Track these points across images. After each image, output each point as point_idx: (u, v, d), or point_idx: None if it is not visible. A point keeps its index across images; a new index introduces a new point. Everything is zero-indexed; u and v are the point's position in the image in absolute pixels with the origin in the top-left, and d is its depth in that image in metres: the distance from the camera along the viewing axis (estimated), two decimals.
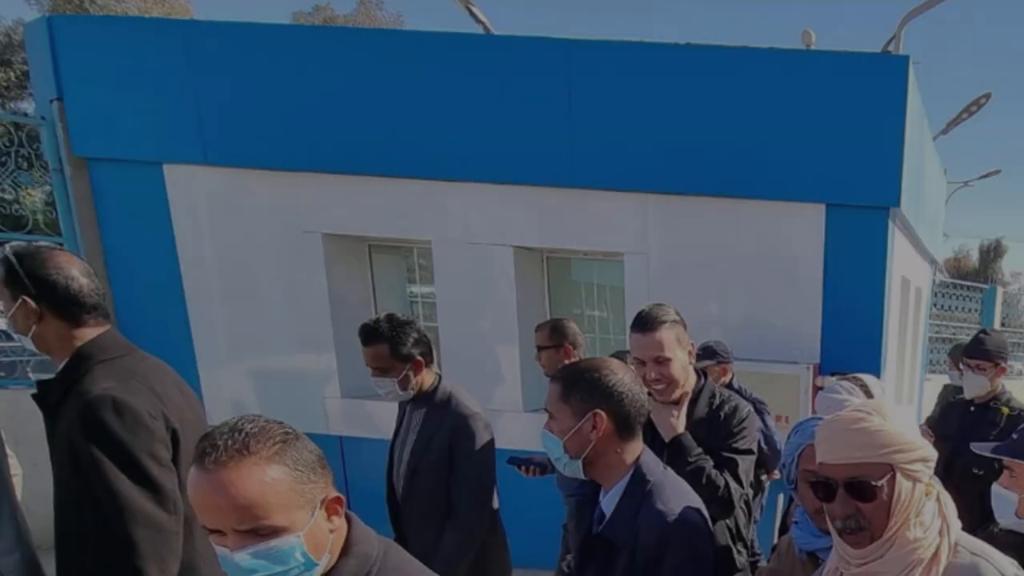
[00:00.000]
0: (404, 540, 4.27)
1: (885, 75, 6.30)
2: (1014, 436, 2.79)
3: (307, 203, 7.31)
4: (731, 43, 6.53)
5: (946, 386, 7.94)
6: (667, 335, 3.50)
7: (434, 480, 4.20)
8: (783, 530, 3.83)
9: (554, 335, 5.31)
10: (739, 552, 3.85)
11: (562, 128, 6.73)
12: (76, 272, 2.95)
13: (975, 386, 5.06)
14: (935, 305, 15.71)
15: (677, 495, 2.60)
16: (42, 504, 3.34)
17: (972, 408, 5.13)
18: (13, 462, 3.47)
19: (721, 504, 3.51)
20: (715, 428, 3.70)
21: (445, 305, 7.46)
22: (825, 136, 6.38)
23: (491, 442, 4.31)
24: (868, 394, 3.50)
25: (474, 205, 7.14)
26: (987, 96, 15.99)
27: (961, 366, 5.26)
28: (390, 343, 4.05)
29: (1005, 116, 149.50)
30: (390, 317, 4.17)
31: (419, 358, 4.15)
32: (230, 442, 1.77)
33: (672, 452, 3.50)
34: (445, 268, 7.34)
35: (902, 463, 1.86)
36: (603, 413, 2.49)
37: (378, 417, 7.20)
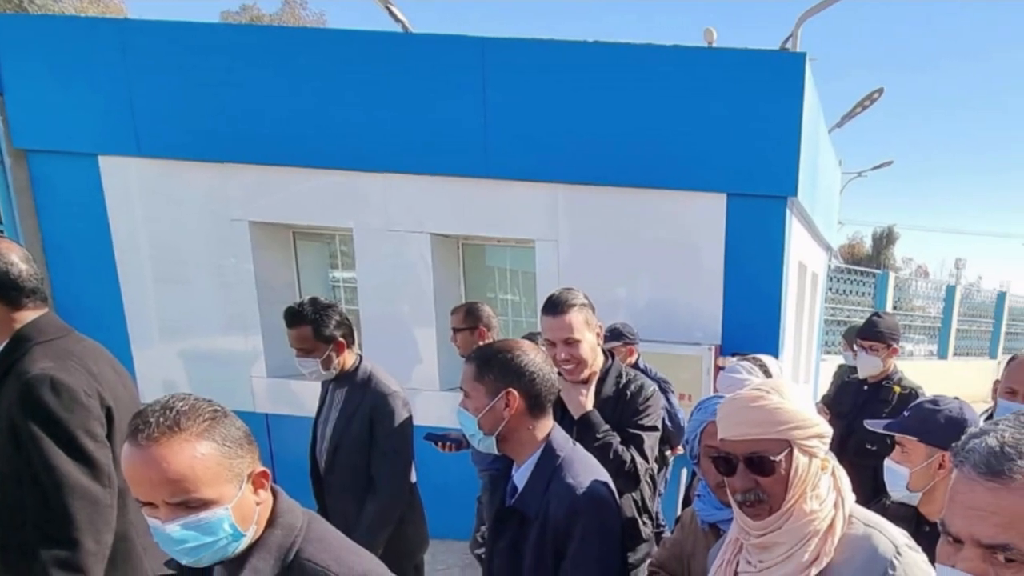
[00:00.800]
0: (327, 512, 4.28)
1: (783, 71, 6.43)
2: (906, 413, 2.79)
3: (235, 193, 7.33)
4: (637, 41, 6.59)
5: (841, 366, 7.98)
6: (576, 318, 3.52)
7: (355, 455, 4.22)
8: (686, 503, 3.85)
9: (469, 318, 5.40)
10: (644, 524, 3.95)
11: (477, 121, 6.80)
12: (15, 258, 2.94)
13: (868, 366, 5.09)
14: (830, 289, 15.86)
15: (586, 469, 2.60)
16: None
17: (865, 387, 5.16)
18: None
19: (627, 478, 3.56)
20: (622, 406, 3.73)
21: (366, 289, 7.50)
22: (726, 129, 6.49)
23: (409, 419, 4.33)
24: (767, 374, 3.54)
25: (393, 194, 7.16)
26: (880, 91, 16.08)
27: (855, 347, 5.31)
28: (313, 325, 4.08)
29: (896, 110, 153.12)
30: (313, 300, 4.21)
31: (341, 339, 4.18)
32: (162, 419, 1.79)
33: (581, 428, 3.51)
34: (365, 254, 7.38)
35: (799, 439, 1.86)
36: (515, 392, 2.49)
37: (302, 395, 7.27)
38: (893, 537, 1.91)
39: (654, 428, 3.81)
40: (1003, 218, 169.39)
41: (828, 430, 1.96)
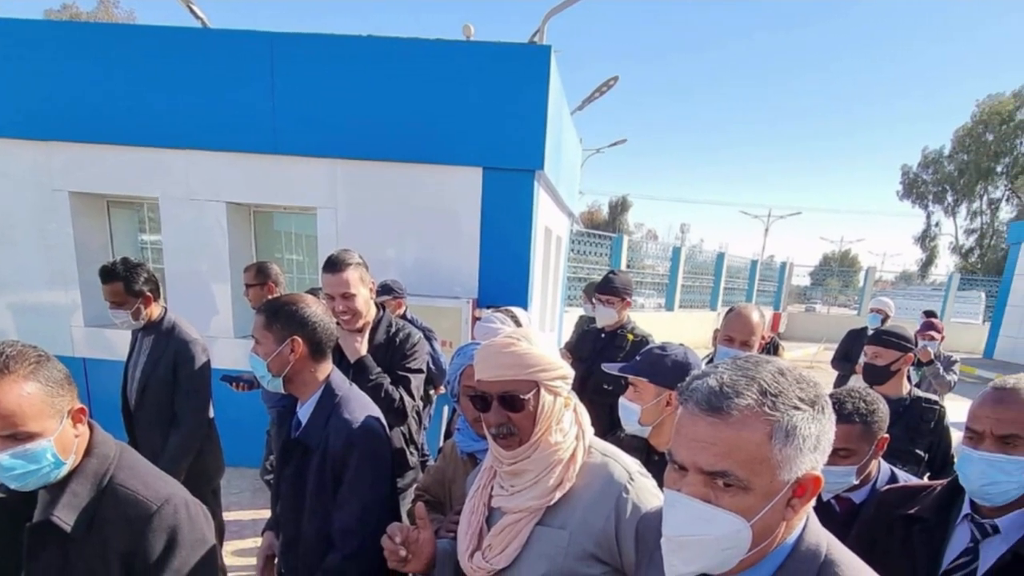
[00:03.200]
0: (136, 444, 4.24)
1: (531, 62, 6.50)
2: (638, 357, 2.77)
3: (56, 167, 7.15)
4: (405, 35, 6.66)
5: (581, 317, 8.05)
6: (352, 275, 3.58)
7: (161, 394, 4.26)
8: (448, 435, 3.88)
9: (259, 275, 5.35)
10: (411, 453, 4.05)
11: (266, 105, 6.79)
12: None
13: (605, 317, 5.09)
14: (572, 250, 15.98)
15: (360, 406, 2.57)
16: None
17: (603, 335, 5.15)
18: None
19: (397, 414, 3.65)
20: (392, 351, 3.80)
21: (170, 251, 7.35)
22: (482, 112, 6.61)
23: (208, 363, 4.39)
24: (517, 323, 3.67)
25: (194, 168, 7.08)
26: (615, 79, 16.16)
27: (594, 300, 5.27)
28: (124, 281, 4.12)
29: (630, 96, 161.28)
30: (124, 260, 4.21)
31: (148, 294, 4.24)
32: None
33: (356, 371, 3.57)
34: (170, 220, 7.26)
35: (545, 380, 1.86)
36: (299, 339, 2.48)
37: (115, 342, 7.34)
38: (627, 465, 1.94)
39: (420, 370, 3.89)
40: (721, 189, 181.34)
41: (570, 372, 1.95)
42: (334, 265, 3.57)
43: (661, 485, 1.40)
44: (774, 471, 1.18)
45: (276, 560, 2.78)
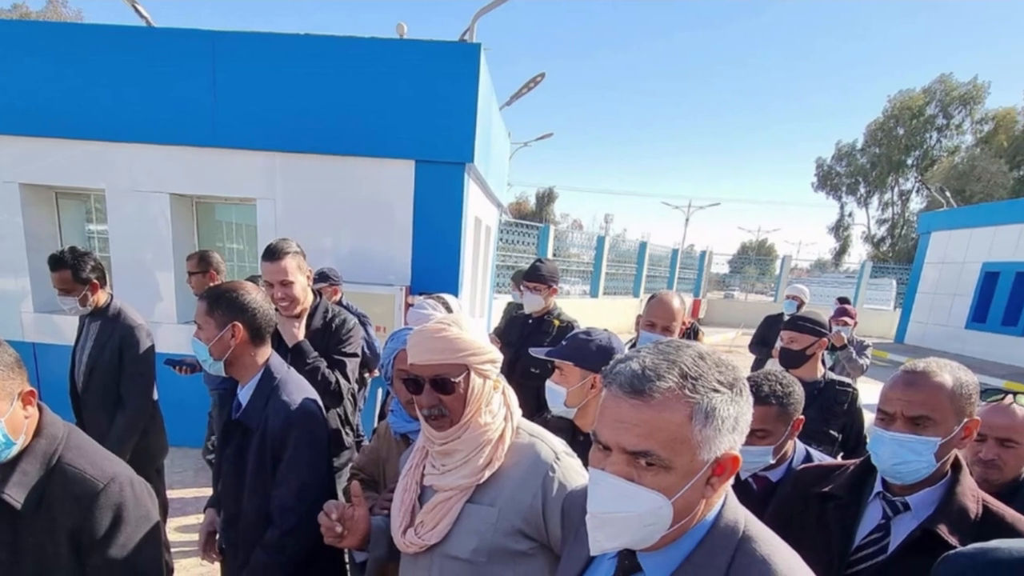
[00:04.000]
0: (83, 425, 4.21)
1: (461, 59, 6.52)
2: (564, 342, 2.79)
3: (6, 159, 7.03)
4: (341, 34, 6.66)
5: (510, 303, 7.98)
6: (290, 263, 3.60)
7: (107, 377, 4.22)
8: (382, 417, 3.87)
9: (201, 263, 5.28)
10: (347, 434, 4.05)
11: (208, 100, 6.73)
12: None
13: (533, 303, 5.09)
14: (501, 240, 15.96)
15: (298, 389, 2.57)
16: None
17: (530, 321, 5.15)
18: None
19: (333, 396, 3.69)
20: (328, 336, 3.82)
21: (116, 240, 7.22)
22: (415, 107, 6.60)
23: (152, 347, 4.36)
24: (448, 309, 3.61)
25: (138, 161, 6.96)
26: (542, 75, 16.02)
27: (522, 287, 5.25)
28: (72, 269, 4.10)
29: (557, 91, 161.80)
30: (72, 249, 4.19)
31: (95, 281, 4.21)
32: None
33: (294, 355, 3.60)
34: (116, 211, 7.15)
35: (475, 364, 1.87)
36: (240, 324, 2.48)
37: (63, 328, 7.22)
38: (553, 445, 1.96)
39: (355, 355, 3.91)
40: (644, 181, 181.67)
41: (499, 356, 1.95)
42: (273, 254, 3.57)
43: (586, 464, 1.38)
44: (694, 451, 1.18)
45: (217, 536, 2.78)
